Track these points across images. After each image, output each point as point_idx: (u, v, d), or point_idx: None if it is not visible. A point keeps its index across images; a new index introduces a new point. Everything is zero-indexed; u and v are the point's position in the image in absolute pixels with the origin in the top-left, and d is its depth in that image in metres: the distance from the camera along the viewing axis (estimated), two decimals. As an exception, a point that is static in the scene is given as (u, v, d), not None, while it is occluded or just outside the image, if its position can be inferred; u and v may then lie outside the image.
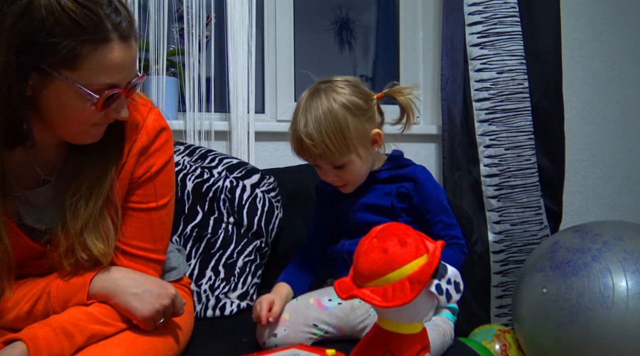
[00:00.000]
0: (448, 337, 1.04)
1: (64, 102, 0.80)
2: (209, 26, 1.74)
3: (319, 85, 1.12)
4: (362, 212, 1.15)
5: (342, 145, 1.05)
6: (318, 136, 1.04)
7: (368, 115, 1.10)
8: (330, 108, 1.05)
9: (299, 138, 1.08)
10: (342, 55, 2.15)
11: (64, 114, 0.82)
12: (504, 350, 1.63)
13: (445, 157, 1.85)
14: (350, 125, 1.06)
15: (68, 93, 0.79)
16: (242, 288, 1.37)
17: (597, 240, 1.42)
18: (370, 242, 0.76)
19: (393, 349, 0.76)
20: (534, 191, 1.83)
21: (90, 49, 0.77)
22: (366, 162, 1.12)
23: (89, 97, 0.80)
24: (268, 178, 1.52)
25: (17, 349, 0.78)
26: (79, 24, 0.76)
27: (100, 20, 0.77)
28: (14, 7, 0.74)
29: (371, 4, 2.20)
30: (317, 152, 1.06)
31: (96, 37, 0.77)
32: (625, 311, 1.30)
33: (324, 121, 1.05)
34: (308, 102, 1.09)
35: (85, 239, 0.88)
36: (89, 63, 0.78)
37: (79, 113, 0.82)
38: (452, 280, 0.74)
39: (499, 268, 1.86)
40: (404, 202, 1.13)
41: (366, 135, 1.10)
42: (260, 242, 1.44)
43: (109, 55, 0.79)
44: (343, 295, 0.76)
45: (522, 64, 1.80)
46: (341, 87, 1.09)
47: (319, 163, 1.11)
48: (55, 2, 0.74)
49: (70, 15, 0.75)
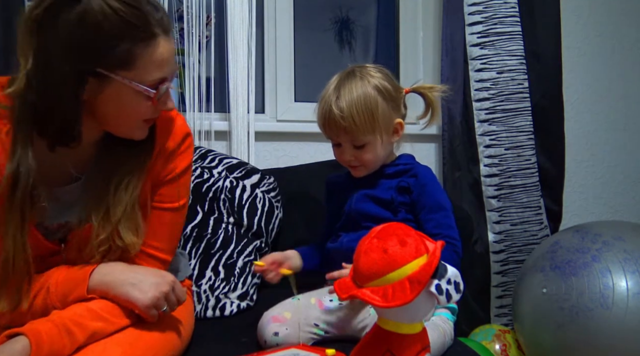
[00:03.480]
0: (448, 337, 1.04)
1: (122, 101, 0.84)
2: (209, 26, 1.74)
3: (353, 68, 1.16)
4: (363, 202, 1.17)
5: (368, 124, 1.10)
6: (348, 109, 1.09)
7: (396, 103, 1.15)
8: (364, 87, 1.11)
9: (329, 110, 1.11)
10: (342, 55, 2.15)
11: (121, 113, 0.86)
12: (504, 350, 1.63)
13: (445, 157, 1.85)
14: (380, 107, 1.11)
15: (126, 92, 0.83)
16: (242, 288, 1.37)
17: (597, 240, 1.42)
18: (371, 242, 0.76)
19: (393, 349, 0.76)
20: (534, 191, 1.83)
21: (142, 47, 0.81)
22: (384, 149, 1.15)
23: (145, 93, 0.84)
24: (268, 178, 1.52)
25: (20, 343, 0.78)
26: (131, 23, 0.79)
27: (146, 17, 0.81)
28: (70, 16, 0.76)
29: (371, 4, 2.20)
30: (344, 125, 1.10)
31: (146, 35, 0.81)
32: (625, 311, 1.30)
33: (356, 97, 1.09)
34: (342, 80, 1.14)
35: (120, 229, 0.91)
36: (142, 61, 0.82)
37: (135, 109, 0.86)
38: (452, 280, 0.74)
39: (499, 268, 1.86)
40: (403, 196, 1.15)
41: (391, 121, 1.14)
42: (260, 242, 1.44)
43: (158, 50, 0.83)
44: (343, 295, 0.76)
45: (522, 64, 1.80)
46: (375, 72, 1.15)
47: (341, 139, 1.14)
48: (106, 6, 0.77)
49: (122, 16, 0.78)
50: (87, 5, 0.77)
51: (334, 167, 1.62)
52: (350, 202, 1.19)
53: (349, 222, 1.19)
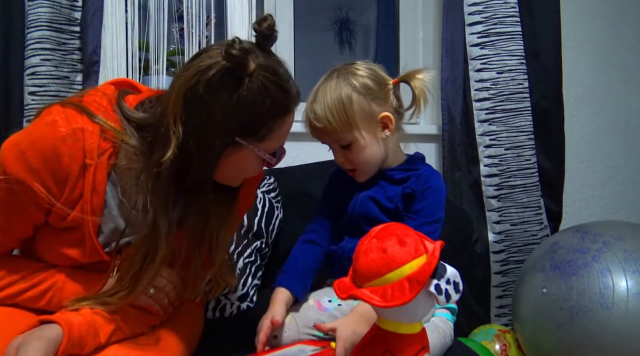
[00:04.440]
0: (448, 338, 1.04)
1: (244, 165, 0.90)
2: (209, 26, 1.74)
3: (336, 68, 1.14)
4: (368, 206, 1.14)
5: (343, 122, 1.07)
6: (322, 111, 1.07)
7: (379, 97, 1.10)
8: (338, 87, 1.08)
9: (306, 114, 1.12)
10: (342, 55, 2.15)
11: (239, 174, 0.92)
12: (504, 350, 1.63)
13: (445, 157, 1.85)
14: (354, 102, 1.07)
15: (251, 157, 0.89)
16: (242, 290, 1.36)
17: (597, 240, 1.42)
18: (370, 242, 0.76)
19: (392, 349, 0.76)
20: (534, 191, 1.83)
21: (279, 124, 0.87)
22: (374, 146, 1.11)
23: (268, 160, 0.91)
24: (268, 178, 1.51)
25: (55, 331, 0.80)
26: (278, 104, 0.85)
27: (290, 97, 0.88)
28: (231, 98, 0.81)
29: (371, 4, 2.20)
30: (319, 126, 1.08)
31: (284, 113, 0.88)
32: (625, 311, 1.30)
33: (329, 98, 1.08)
34: (321, 83, 1.12)
35: None
36: (273, 134, 0.88)
37: (251, 171, 0.92)
38: (452, 280, 0.74)
39: (499, 268, 1.85)
40: (408, 203, 1.12)
41: (372, 115, 1.09)
42: (261, 242, 1.44)
43: (287, 122, 0.90)
44: (342, 295, 0.76)
45: (522, 64, 1.80)
46: (357, 68, 1.12)
47: (326, 140, 1.13)
48: (264, 90, 0.82)
49: (274, 99, 0.84)
50: (248, 88, 0.81)
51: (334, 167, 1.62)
52: (355, 204, 1.16)
53: (351, 225, 1.16)
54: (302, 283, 1.13)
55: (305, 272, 1.15)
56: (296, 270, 1.14)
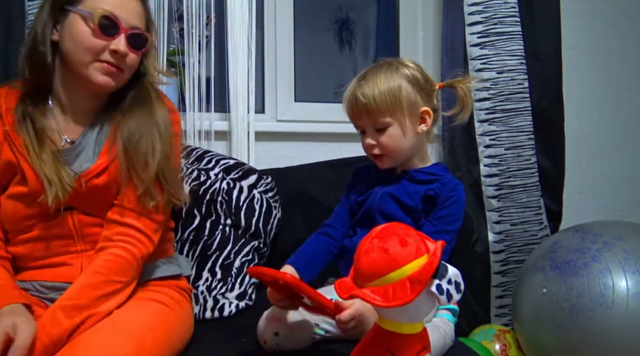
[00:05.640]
0: (449, 338, 1.04)
1: (74, 30, 1.00)
2: (209, 26, 1.74)
3: (384, 60, 1.18)
4: (387, 202, 1.15)
5: (389, 103, 1.10)
6: (370, 89, 1.11)
7: (425, 92, 1.15)
8: (390, 72, 1.13)
9: (353, 91, 1.14)
10: (342, 55, 2.15)
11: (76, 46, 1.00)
12: (504, 350, 1.63)
13: (445, 157, 1.85)
14: (402, 89, 1.11)
15: (77, 20, 1.00)
16: (239, 288, 1.36)
17: (597, 240, 1.42)
18: (371, 241, 0.76)
19: (393, 349, 0.76)
20: (534, 191, 1.83)
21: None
22: (408, 136, 1.13)
23: (89, 17, 0.99)
24: (265, 178, 1.51)
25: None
26: None
27: None
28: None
29: (371, 4, 2.20)
30: (364, 102, 1.11)
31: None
32: (625, 311, 1.30)
33: (381, 79, 1.12)
34: (371, 67, 1.16)
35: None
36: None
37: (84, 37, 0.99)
38: (453, 280, 0.74)
39: (499, 268, 1.85)
40: (428, 205, 1.13)
41: (416, 106, 1.13)
42: (259, 242, 1.44)
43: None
44: (343, 295, 0.76)
45: (522, 64, 1.79)
46: (406, 62, 1.17)
47: (363, 121, 1.14)
48: None
49: None
50: None
51: (334, 167, 1.63)
52: (374, 199, 1.17)
53: (366, 219, 1.16)
54: (309, 267, 1.14)
55: (314, 259, 1.17)
56: (305, 255, 1.17)
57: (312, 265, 1.15)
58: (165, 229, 1.17)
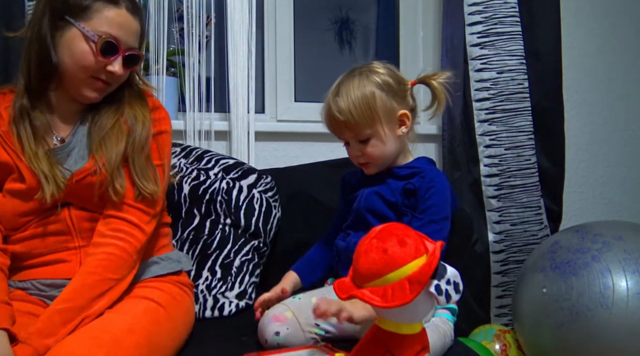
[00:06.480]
0: (448, 338, 1.04)
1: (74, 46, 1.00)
2: (209, 26, 1.75)
3: (355, 68, 1.19)
4: (372, 199, 1.17)
5: (367, 117, 1.11)
6: (346, 105, 1.12)
7: (399, 95, 1.16)
8: (362, 83, 1.13)
9: (329, 108, 1.15)
10: (342, 55, 2.15)
11: (73, 61, 1.01)
12: (504, 350, 1.63)
13: (445, 157, 1.85)
14: (377, 97, 1.12)
15: (78, 37, 1.00)
16: (239, 288, 1.36)
17: (597, 240, 1.42)
18: (370, 242, 0.76)
19: (392, 349, 0.76)
20: (534, 191, 1.83)
21: (101, 6, 1.00)
22: (390, 142, 1.15)
23: (92, 39, 1.00)
24: (265, 178, 1.51)
25: None
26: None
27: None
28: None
29: (371, 4, 2.20)
30: (342, 120, 1.12)
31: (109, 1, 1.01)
32: (625, 311, 1.30)
33: (354, 93, 1.12)
34: (342, 80, 1.17)
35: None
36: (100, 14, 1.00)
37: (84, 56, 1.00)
38: (452, 281, 0.74)
39: (499, 268, 1.86)
40: (409, 199, 1.14)
41: (393, 112, 1.14)
42: (258, 241, 1.44)
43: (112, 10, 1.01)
44: (342, 295, 0.76)
45: (522, 64, 1.79)
46: (377, 67, 1.17)
47: (345, 136, 1.16)
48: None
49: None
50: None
51: (334, 167, 1.62)
52: (360, 200, 1.20)
53: (358, 220, 1.19)
54: (312, 271, 1.25)
55: (318, 264, 1.26)
56: (309, 261, 1.27)
57: (315, 269, 1.25)
58: (161, 224, 1.17)
